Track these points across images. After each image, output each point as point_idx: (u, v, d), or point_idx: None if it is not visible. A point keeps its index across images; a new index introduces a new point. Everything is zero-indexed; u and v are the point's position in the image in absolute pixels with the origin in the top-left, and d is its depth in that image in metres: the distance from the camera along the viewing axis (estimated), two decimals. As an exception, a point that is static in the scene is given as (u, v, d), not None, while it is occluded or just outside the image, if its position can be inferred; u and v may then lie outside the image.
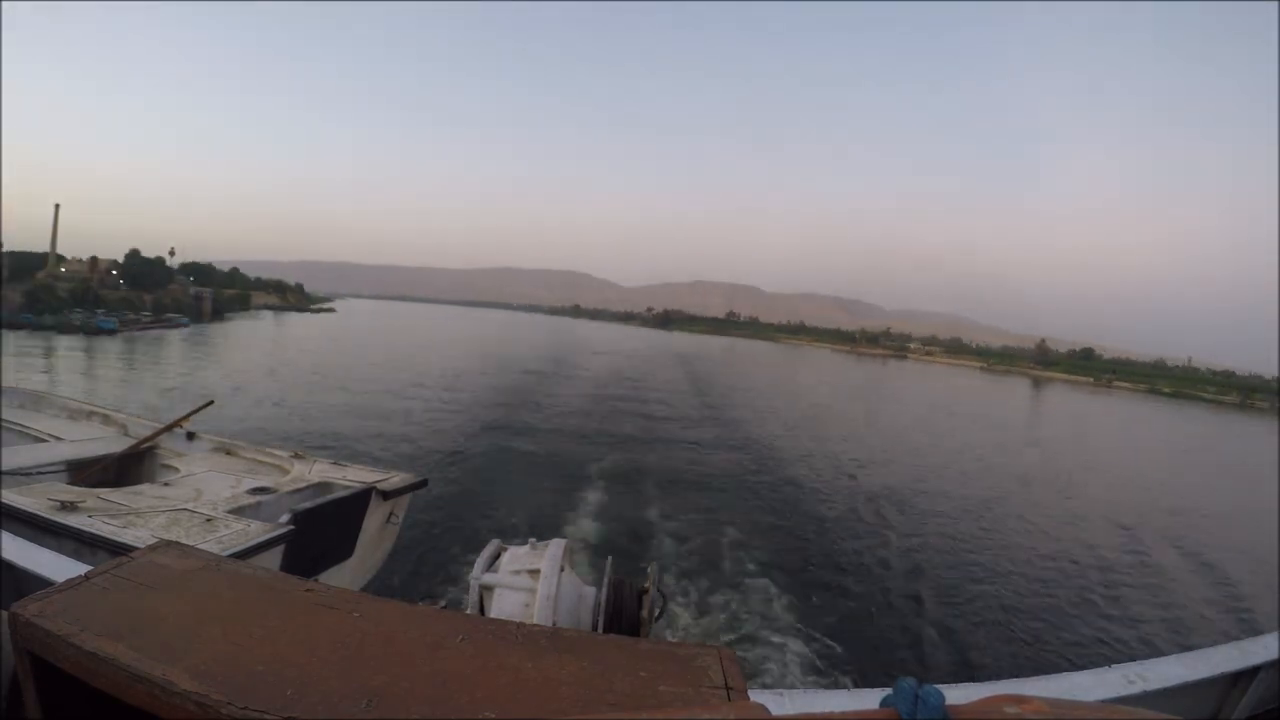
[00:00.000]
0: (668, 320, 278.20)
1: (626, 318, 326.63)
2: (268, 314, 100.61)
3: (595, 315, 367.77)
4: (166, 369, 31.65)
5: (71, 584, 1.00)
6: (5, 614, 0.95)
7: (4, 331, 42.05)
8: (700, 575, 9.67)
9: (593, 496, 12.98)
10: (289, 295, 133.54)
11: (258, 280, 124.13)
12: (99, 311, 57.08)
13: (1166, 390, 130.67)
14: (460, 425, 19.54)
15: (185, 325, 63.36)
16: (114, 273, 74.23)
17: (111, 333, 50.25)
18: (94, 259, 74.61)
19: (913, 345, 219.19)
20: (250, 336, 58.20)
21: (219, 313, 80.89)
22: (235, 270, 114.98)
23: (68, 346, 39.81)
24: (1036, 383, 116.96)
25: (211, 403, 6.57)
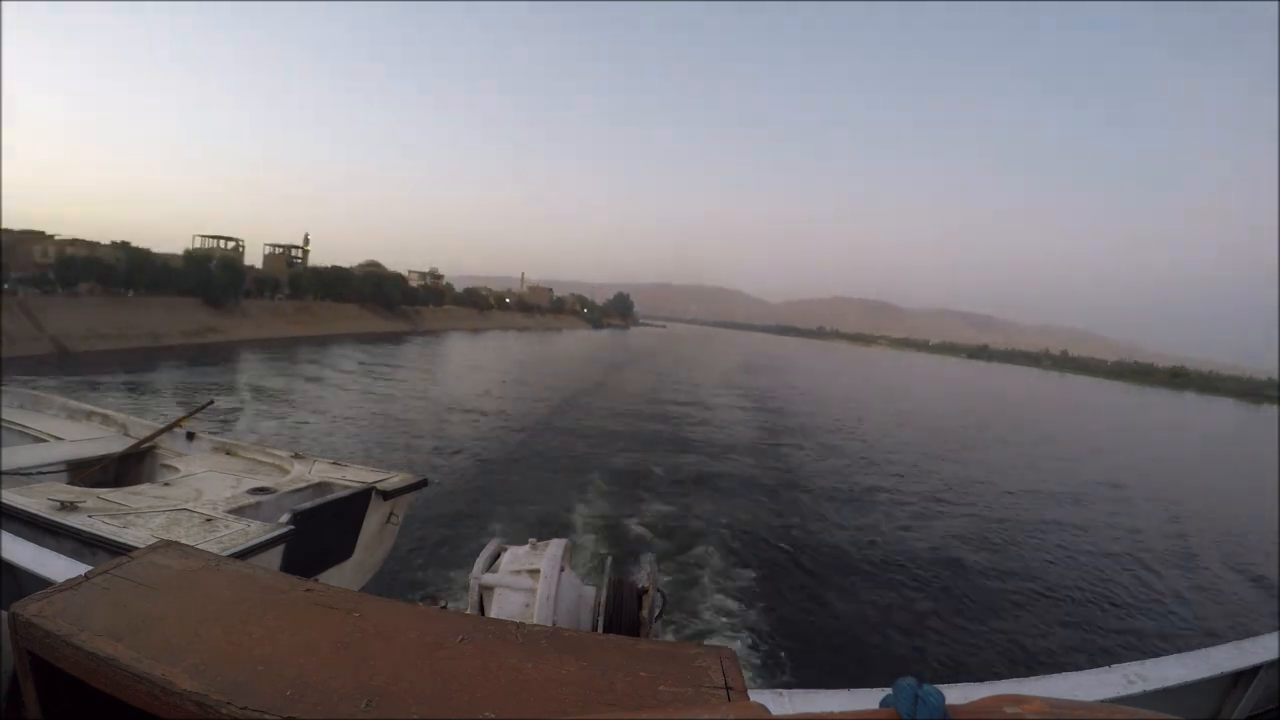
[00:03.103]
0: (786, 330, 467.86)
1: (763, 329, 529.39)
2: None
3: (744, 328, 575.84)
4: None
5: (71, 584, 0.99)
6: (5, 614, 0.95)
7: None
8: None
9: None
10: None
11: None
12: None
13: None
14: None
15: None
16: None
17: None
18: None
19: (882, 341, 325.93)
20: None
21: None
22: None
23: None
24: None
25: (212, 402, 6.55)
